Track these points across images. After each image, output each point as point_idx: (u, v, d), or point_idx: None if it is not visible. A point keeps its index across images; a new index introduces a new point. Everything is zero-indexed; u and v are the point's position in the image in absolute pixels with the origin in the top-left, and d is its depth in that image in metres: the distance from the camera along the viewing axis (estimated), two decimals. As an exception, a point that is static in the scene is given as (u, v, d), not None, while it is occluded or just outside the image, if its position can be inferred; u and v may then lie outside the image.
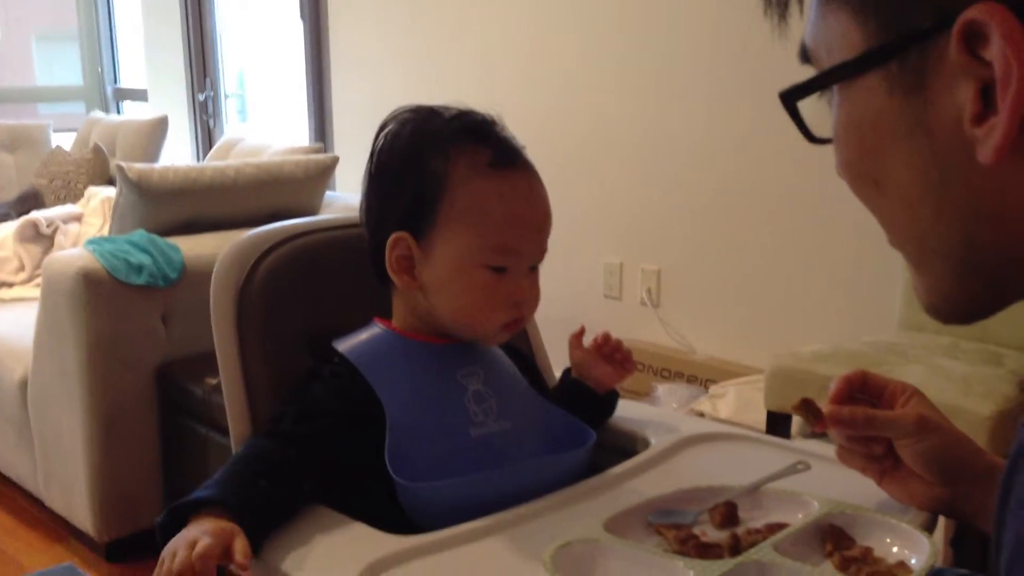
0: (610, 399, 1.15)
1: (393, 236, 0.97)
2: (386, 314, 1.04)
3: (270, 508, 0.87)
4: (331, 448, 0.93)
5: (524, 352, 1.19)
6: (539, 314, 1.30)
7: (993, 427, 1.79)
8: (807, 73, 0.57)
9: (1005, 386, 1.90)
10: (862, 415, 0.89)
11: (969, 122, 0.48)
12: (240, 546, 0.81)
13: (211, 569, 0.79)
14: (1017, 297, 0.55)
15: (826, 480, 0.94)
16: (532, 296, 1.01)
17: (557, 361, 1.33)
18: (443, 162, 0.96)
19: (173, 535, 0.82)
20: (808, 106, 0.58)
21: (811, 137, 0.60)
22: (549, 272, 1.05)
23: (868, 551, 0.81)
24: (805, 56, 0.57)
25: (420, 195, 0.96)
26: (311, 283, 1.09)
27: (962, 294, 0.55)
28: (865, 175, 0.56)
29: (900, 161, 0.52)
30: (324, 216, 1.30)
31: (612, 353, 1.13)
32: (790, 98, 0.57)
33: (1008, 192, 0.49)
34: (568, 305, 3.15)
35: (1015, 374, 1.96)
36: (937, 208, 0.52)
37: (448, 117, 0.99)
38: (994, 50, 0.45)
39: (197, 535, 0.80)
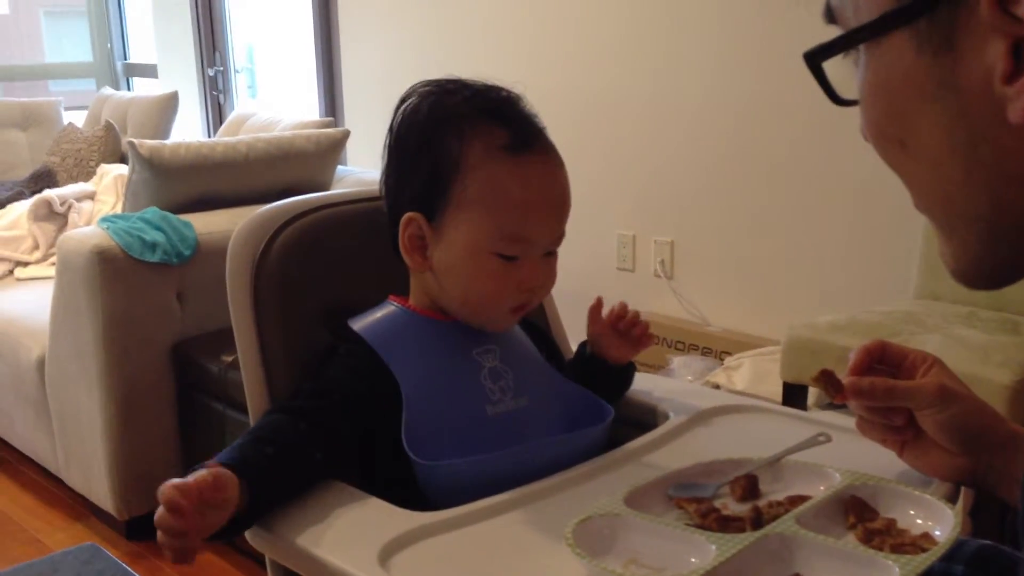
0: (627, 373, 1.15)
1: (406, 216, 0.96)
2: (402, 289, 1.03)
3: (274, 473, 0.86)
4: (343, 422, 0.93)
5: (540, 326, 1.18)
6: (554, 287, 1.30)
7: (1012, 396, 1.79)
8: (822, 39, 0.56)
9: (1023, 354, 1.89)
10: (882, 386, 0.88)
11: (1000, 80, 0.47)
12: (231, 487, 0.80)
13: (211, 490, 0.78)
14: None
15: (847, 452, 0.93)
16: (544, 283, 0.99)
17: (573, 334, 1.32)
18: (458, 143, 0.93)
19: None
20: (832, 67, 0.56)
21: (836, 98, 0.58)
22: (562, 245, 1.04)
23: (891, 523, 0.80)
24: (830, 16, 0.56)
25: (434, 176, 0.95)
26: (327, 258, 1.09)
27: (989, 258, 0.54)
28: (891, 136, 0.55)
29: (928, 121, 0.51)
30: (339, 190, 1.29)
31: (629, 328, 1.12)
32: (815, 58, 0.55)
33: None
34: (581, 278, 3.14)
35: (1034, 343, 1.95)
36: (965, 169, 0.51)
37: (467, 95, 0.96)
38: None
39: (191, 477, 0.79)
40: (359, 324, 1.00)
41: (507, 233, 0.94)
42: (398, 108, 0.98)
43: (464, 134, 0.94)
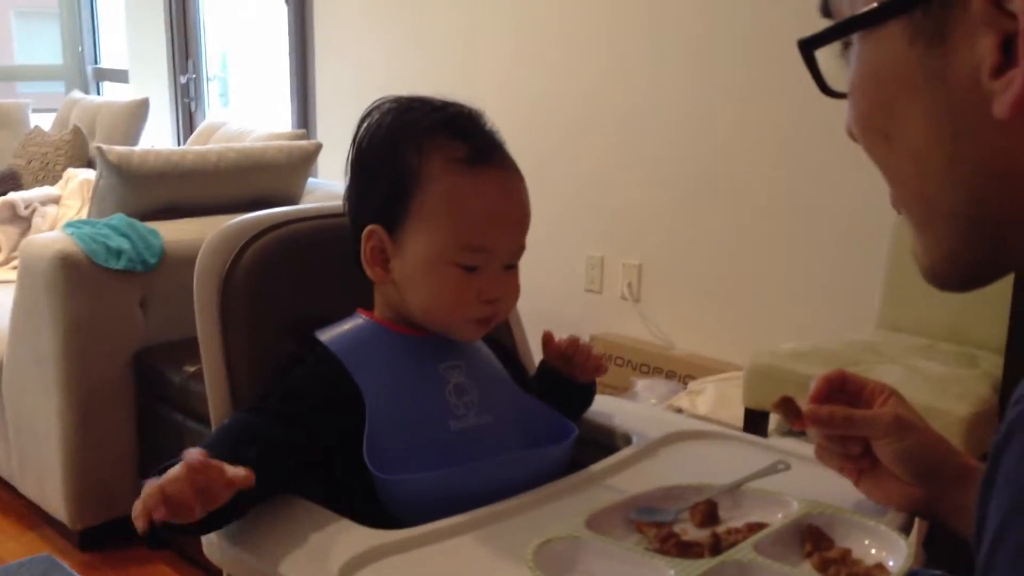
0: (587, 390, 1.16)
1: (367, 228, 0.98)
2: (370, 303, 1.04)
3: (260, 476, 0.84)
4: (315, 430, 0.93)
5: (506, 344, 1.19)
6: (521, 307, 1.30)
7: (968, 428, 1.81)
8: (796, 64, 0.57)
9: (980, 387, 1.92)
10: (841, 414, 0.89)
11: (987, 75, 0.48)
12: (239, 473, 0.78)
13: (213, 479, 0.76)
14: (1015, 266, 0.55)
15: (805, 480, 0.94)
16: (507, 294, 0.99)
17: (539, 354, 1.33)
18: (417, 156, 0.95)
19: None
20: (824, 63, 0.57)
21: (826, 89, 0.59)
22: (530, 265, 1.05)
23: (847, 552, 0.81)
24: (826, 9, 0.57)
25: (394, 189, 0.96)
26: (296, 272, 1.09)
27: (962, 255, 0.55)
28: (877, 128, 0.55)
29: (914, 113, 0.52)
30: (310, 204, 1.29)
31: (583, 362, 1.12)
32: (809, 46, 0.56)
33: (1019, 148, 0.49)
34: (549, 298, 3.16)
35: (990, 375, 1.98)
36: (947, 163, 0.52)
37: (427, 110, 0.98)
38: (1019, 1, 0.46)
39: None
40: (326, 335, 1.00)
41: (465, 243, 0.95)
42: (360, 124, 1.00)
43: (423, 147, 0.95)
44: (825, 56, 0.57)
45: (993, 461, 0.47)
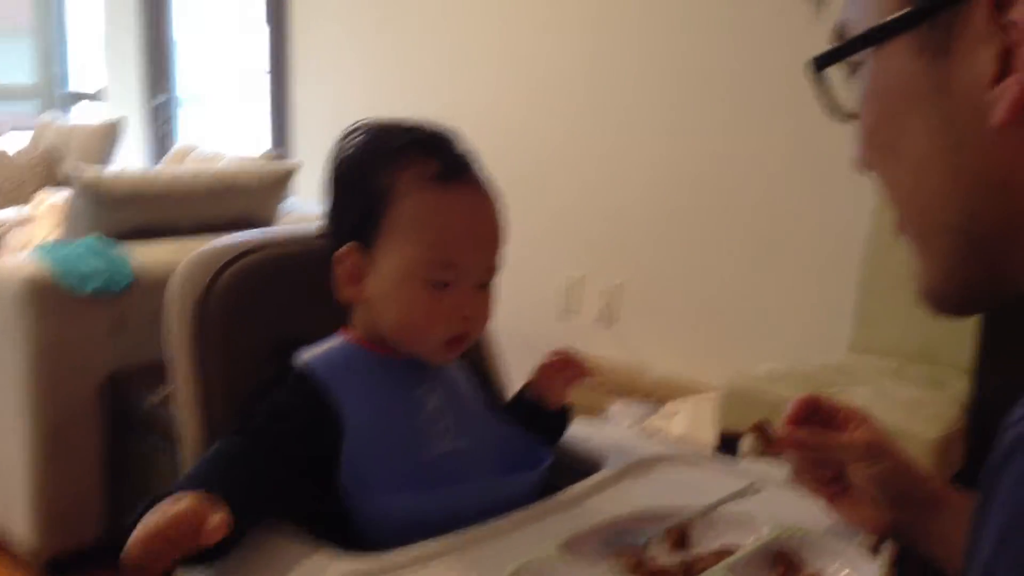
0: (563, 416, 1.15)
1: (343, 248, 0.99)
2: (345, 325, 1.03)
3: (249, 500, 0.85)
4: (296, 453, 0.92)
5: (481, 368, 1.19)
6: (496, 329, 1.31)
7: (938, 449, 1.83)
8: (776, 90, 0.58)
9: (949, 409, 1.94)
10: (815, 438, 0.90)
11: (987, 85, 0.49)
12: (216, 521, 0.76)
13: (186, 532, 0.75)
14: (1012, 291, 0.55)
15: (777, 503, 0.95)
16: (479, 314, 0.99)
17: (515, 376, 1.33)
18: (389, 174, 0.96)
19: None
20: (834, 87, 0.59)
21: (835, 109, 0.60)
22: (507, 288, 1.05)
23: (818, 574, 0.82)
24: (840, 34, 0.58)
25: (367, 207, 0.97)
26: (272, 297, 1.09)
27: (960, 274, 0.56)
28: (882, 143, 0.57)
29: (918, 124, 0.53)
30: (284, 227, 1.30)
31: (564, 368, 1.12)
32: (821, 64, 0.58)
33: (1016, 159, 0.50)
34: (525, 320, 3.15)
35: (958, 398, 2.00)
36: (947, 175, 0.53)
37: (400, 130, 1.00)
38: (1019, 9, 0.47)
39: (173, 499, 0.76)
40: (307, 356, 1.00)
41: (436, 259, 0.95)
42: (337, 146, 1.01)
43: (395, 165, 0.96)
44: (832, 81, 0.59)
45: (988, 484, 0.47)
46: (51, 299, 2.20)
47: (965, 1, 0.50)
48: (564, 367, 1.12)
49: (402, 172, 0.96)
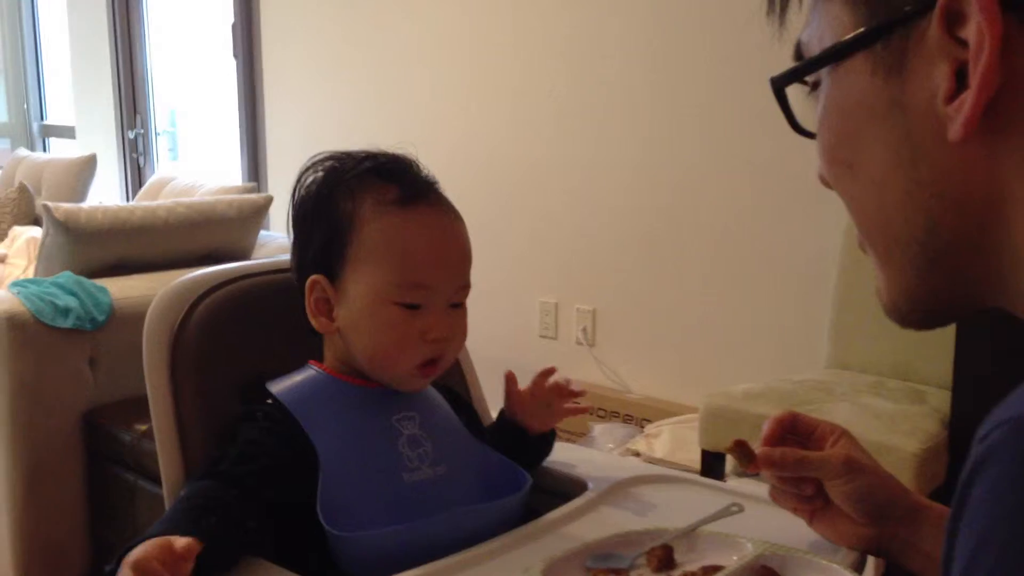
0: (546, 441, 1.16)
1: (310, 279, 0.99)
2: (320, 357, 1.03)
3: (221, 545, 0.85)
4: (271, 489, 0.92)
5: (460, 393, 1.19)
6: (474, 354, 1.31)
7: (918, 464, 1.84)
8: (748, 114, 0.59)
9: (929, 423, 1.95)
10: (792, 457, 0.91)
11: (942, 101, 0.50)
12: (184, 542, 0.78)
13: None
14: (972, 303, 0.56)
15: (759, 521, 0.95)
16: (453, 335, 0.99)
17: (493, 401, 1.33)
18: (351, 202, 0.97)
19: None
20: (795, 104, 0.60)
21: (796, 126, 0.62)
22: (484, 311, 1.05)
23: (800, 592, 0.82)
24: (799, 54, 0.60)
25: (331, 237, 0.98)
26: (247, 328, 1.08)
27: (924, 287, 0.56)
28: (841, 160, 0.58)
29: (875, 140, 0.54)
30: (260, 260, 1.29)
31: (558, 396, 1.12)
32: (780, 83, 0.59)
33: (973, 173, 0.51)
34: (504, 345, 3.16)
35: (938, 412, 2.02)
36: (905, 190, 0.54)
37: (359, 159, 1.00)
38: (971, 26, 0.48)
39: (143, 545, 0.77)
40: (277, 387, 0.99)
41: (404, 280, 0.95)
42: (297, 181, 1.02)
43: (356, 194, 0.97)
44: (795, 98, 0.60)
45: (960, 497, 0.47)
46: (28, 335, 2.19)
47: (917, 20, 0.51)
48: (559, 395, 1.12)
49: (363, 199, 0.97)
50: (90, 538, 2.35)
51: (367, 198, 0.97)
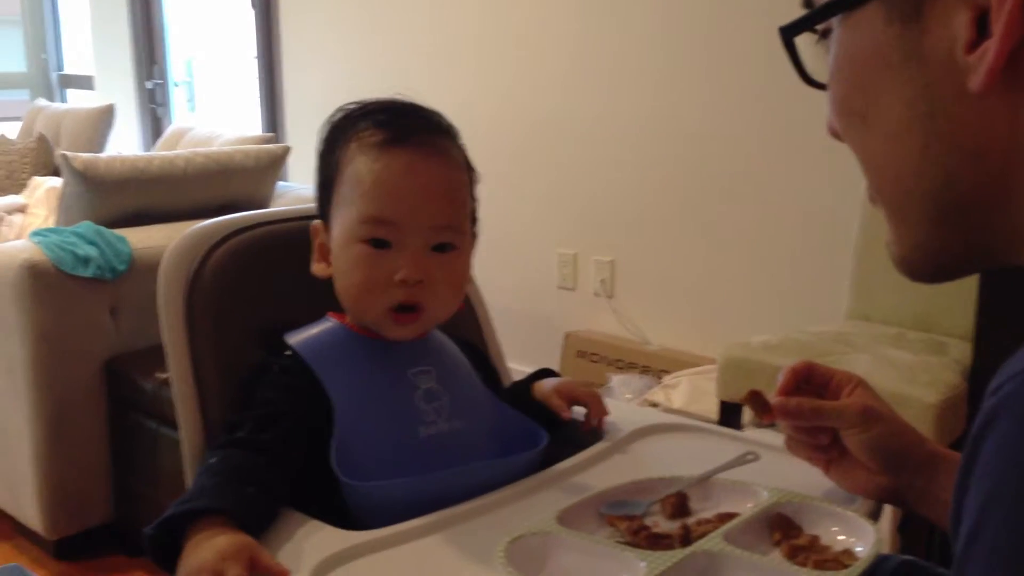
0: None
1: (311, 225, 1.01)
2: (337, 308, 1.03)
3: (263, 515, 0.86)
4: (296, 452, 0.92)
5: (478, 346, 1.18)
6: (492, 306, 1.30)
7: (938, 415, 1.83)
8: (764, 64, 0.58)
9: (949, 374, 1.94)
10: (808, 406, 0.90)
11: (962, 50, 0.49)
12: (267, 559, 0.79)
13: None
14: (986, 258, 0.55)
15: (774, 470, 0.95)
16: (431, 277, 0.95)
17: (511, 352, 1.33)
18: (340, 148, 0.98)
19: (164, 547, 0.80)
20: (805, 55, 0.58)
21: (806, 77, 0.61)
22: (503, 263, 1.04)
23: (815, 539, 0.82)
24: (809, 2, 0.58)
25: (323, 183, 1.00)
26: (262, 276, 1.08)
27: (936, 241, 0.55)
28: (853, 111, 0.56)
29: (890, 92, 0.53)
30: (276, 208, 1.29)
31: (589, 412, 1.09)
32: (789, 33, 0.57)
33: (992, 126, 0.50)
34: (523, 296, 3.16)
35: (959, 363, 2.01)
36: (921, 142, 0.52)
37: (361, 106, 1.00)
38: None
39: (215, 561, 0.76)
40: (295, 339, 0.99)
41: (368, 215, 0.95)
42: (319, 131, 1.02)
43: (347, 139, 0.98)
44: (804, 48, 0.58)
45: (970, 451, 0.47)
46: (49, 285, 2.20)
47: None
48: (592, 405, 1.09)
49: (348, 144, 0.97)
50: (113, 485, 2.39)
51: (353, 142, 0.97)
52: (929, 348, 2.10)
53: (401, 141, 0.96)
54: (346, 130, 0.99)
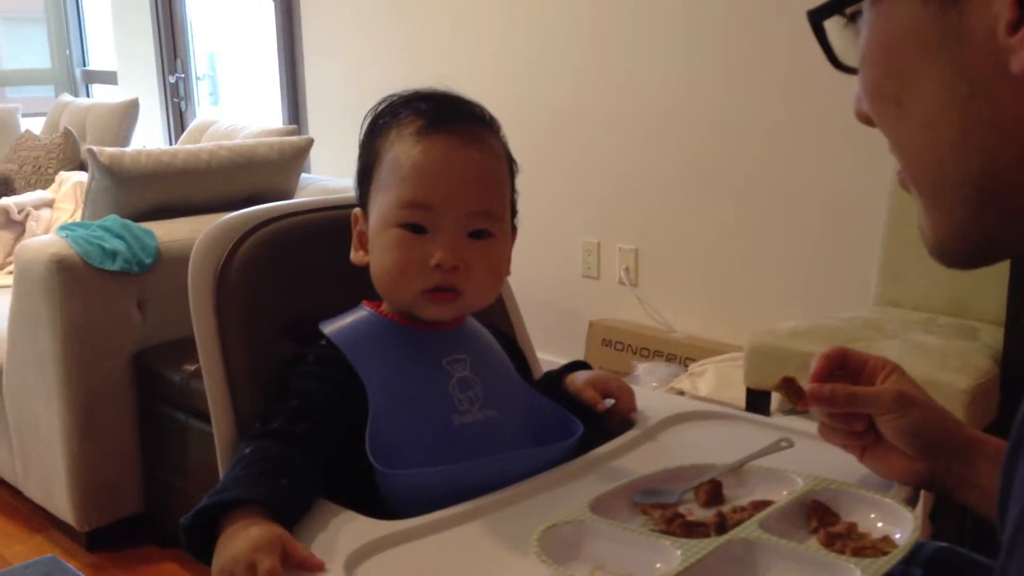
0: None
1: (351, 213, 1.01)
2: (369, 297, 1.03)
3: (297, 506, 0.86)
4: (330, 442, 0.92)
5: (507, 333, 1.18)
6: (518, 294, 1.30)
7: (969, 400, 1.81)
8: (788, 51, 0.56)
9: (980, 360, 1.92)
10: (843, 392, 0.89)
11: (1004, 31, 0.47)
12: (300, 550, 0.78)
13: None
14: (1021, 244, 0.54)
15: (809, 457, 0.94)
16: (467, 263, 0.95)
17: (538, 342, 1.32)
18: (380, 136, 0.98)
19: (199, 537, 0.81)
20: (833, 38, 0.57)
21: (835, 61, 0.59)
22: (527, 252, 1.04)
23: (853, 526, 0.81)
24: None
25: (364, 170, 1.00)
26: (290, 267, 1.08)
27: (974, 228, 0.54)
28: (888, 96, 0.54)
29: (927, 77, 0.51)
30: (303, 199, 1.29)
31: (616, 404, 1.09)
32: (818, 16, 0.56)
33: None
34: (547, 285, 3.15)
35: (990, 348, 1.98)
36: (961, 128, 0.51)
37: (404, 97, 1.00)
38: None
39: (248, 552, 0.77)
40: (330, 328, 0.99)
41: (404, 200, 0.95)
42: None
43: (387, 127, 0.98)
44: (832, 32, 0.57)
45: (1019, 433, 0.46)
46: (77, 278, 2.22)
47: None
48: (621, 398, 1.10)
49: (387, 131, 0.98)
50: (143, 477, 2.41)
51: (392, 130, 0.97)
52: (960, 333, 2.08)
53: (440, 127, 0.96)
54: (387, 118, 0.99)
